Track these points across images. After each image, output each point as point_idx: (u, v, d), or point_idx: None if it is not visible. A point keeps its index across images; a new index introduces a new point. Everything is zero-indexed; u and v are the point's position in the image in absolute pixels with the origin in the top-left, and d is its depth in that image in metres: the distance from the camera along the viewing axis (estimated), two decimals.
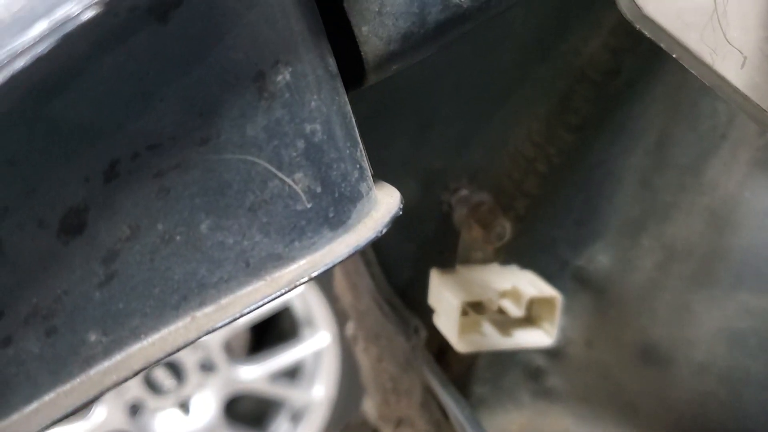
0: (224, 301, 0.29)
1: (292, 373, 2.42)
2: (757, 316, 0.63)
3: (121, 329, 0.27)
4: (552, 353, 0.77)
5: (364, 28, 0.33)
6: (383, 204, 0.34)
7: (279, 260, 0.29)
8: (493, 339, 0.60)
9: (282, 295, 0.29)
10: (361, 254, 0.65)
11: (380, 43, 0.33)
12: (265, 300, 0.29)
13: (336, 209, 0.30)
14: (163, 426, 2.23)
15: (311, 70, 0.29)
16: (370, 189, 0.33)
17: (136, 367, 0.27)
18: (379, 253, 0.67)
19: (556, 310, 0.59)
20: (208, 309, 0.29)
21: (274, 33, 0.28)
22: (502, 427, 0.78)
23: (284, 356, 2.27)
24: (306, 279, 0.30)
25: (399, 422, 0.80)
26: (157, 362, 0.28)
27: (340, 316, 2.18)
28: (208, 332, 0.29)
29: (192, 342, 0.29)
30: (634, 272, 0.70)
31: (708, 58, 0.38)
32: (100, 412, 2.08)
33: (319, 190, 0.30)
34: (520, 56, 0.63)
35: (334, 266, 0.30)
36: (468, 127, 0.64)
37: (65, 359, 0.26)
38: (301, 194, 0.29)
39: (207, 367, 2.19)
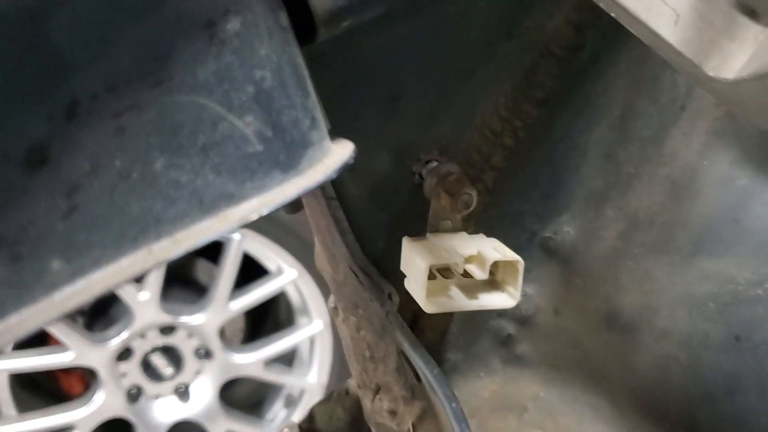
0: (179, 235, 0.31)
1: (288, 361, 2.45)
2: (714, 281, 0.65)
3: (83, 258, 0.30)
4: (522, 321, 0.79)
5: None
6: (336, 153, 0.36)
7: (231, 199, 0.32)
8: (460, 301, 0.62)
9: (233, 230, 0.32)
10: (336, 224, 0.67)
11: None
12: (217, 234, 0.32)
13: (287, 153, 0.33)
14: (162, 412, 2.26)
15: (261, 21, 0.32)
16: (323, 138, 0.35)
17: (97, 291, 0.30)
18: (353, 223, 0.69)
19: (518, 274, 0.61)
20: (164, 242, 0.31)
21: None
22: (474, 393, 0.81)
23: (278, 343, 2.30)
24: (255, 216, 0.32)
25: (378, 389, 0.82)
26: (116, 288, 0.31)
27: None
28: (163, 262, 0.31)
29: (148, 270, 0.31)
30: (598, 242, 0.72)
31: (644, 16, 0.40)
32: (99, 399, 2.11)
33: (269, 134, 0.32)
34: (485, 32, 0.65)
35: (282, 205, 0.33)
36: (436, 100, 0.66)
37: (30, 284, 0.29)
38: (252, 137, 0.31)
39: (204, 354, 2.22)
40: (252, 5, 0.31)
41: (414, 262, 0.62)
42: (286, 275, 2.20)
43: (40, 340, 2.14)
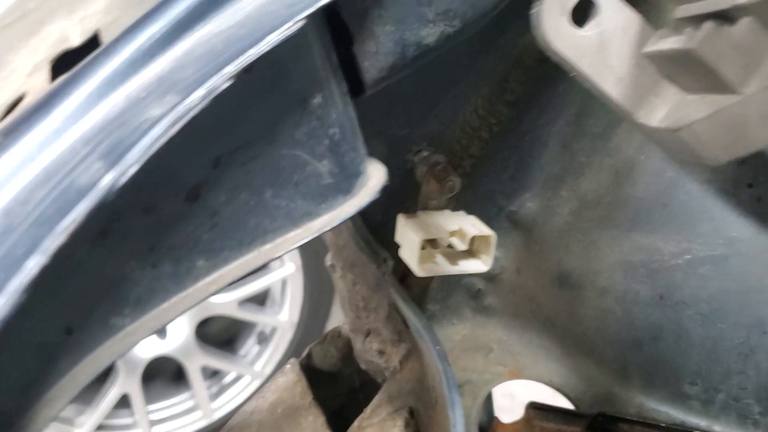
0: (278, 241, 0.46)
1: (261, 301, 2.58)
2: (645, 251, 0.80)
3: (217, 258, 0.44)
4: (490, 279, 0.95)
5: (365, 63, 0.49)
6: (375, 177, 0.51)
7: (311, 216, 0.46)
8: (444, 267, 0.77)
9: (312, 238, 0.46)
10: None
11: (375, 71, 0.50)
12: (303, 241, 0.46)
13: (346, 183, 0.47)
14: (140, 348, 2.36)
15: (334, 93, 0.46)
16: (367, 167, 0.50)
17: (228, 280, 0.44)
18: None
19: (491, 246, 0.75)
20: (268, 246, 0.45)
21: (312, 73, 0.44)
22: (448, 337, 0.96)
23: (252, 284, 2.42)
24: (328, 228, 0.47)
25: (368, 333, 0.98)
26: (240, 278, 0.45)
27: (308, 249, 2.33)
28: (269, 260, 0.45)
29: (260, 266, 0.45)
30: (554, 216, 0.86)
31: (595, 78, 0.55)
32: None
33: (337, 170, 0.46)
34: (467, 48, 0.77)
35: (345, 220, 0.47)
36: (426, 103, 0.79)
37: (184, 276, 0.43)
38: (326, 174, 0.46)
39: None
40: (329, 85, 0.45)
41: (408, 235, 0.77)
42: None
43: None
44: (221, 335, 2.64)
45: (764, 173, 0.72)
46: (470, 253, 0.78)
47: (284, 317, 2.48)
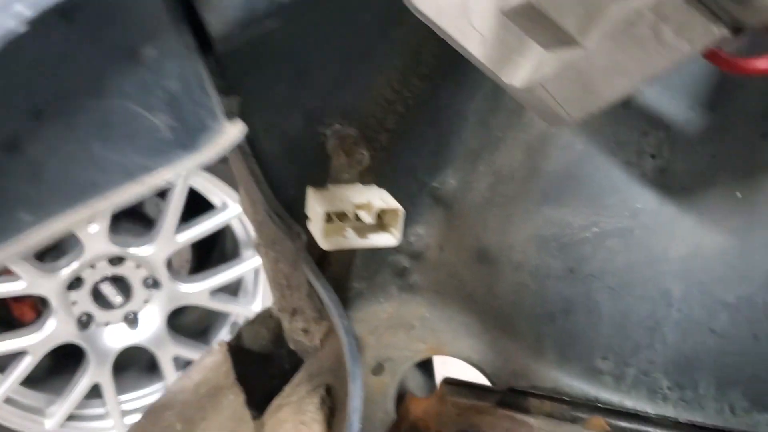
0: (111, 193, 0.45)
1: (234, 291, 2.58)
2: (556, 225, 0.80)
3: (43, 211, 0.43)
4: (415, 256, 0.95)
5: (209, 16, 0.49)
6: (229, 134, 0.50)
7: (147, 170, 0.46)
8: (352, 240, 0.76)
9: (149, 193, 0.46)
10: (252, 174, 0.81)
11: (220, 26, 0.49)
12: (138, 195, 0.46)
13: (188, 138, 0.47)
14: (112, 338, 2.36)
15: (173, 47, 0.45)
16: (219, 123, 0.49)
17: (59, 232, 0.43)
18: (269, 174, 0.82)
19: (399, 220, 0.75)
20: (101, 199, 0.45)
21: (145, 24, 0.44)
22: (375, 315, 0.96)
23: (224, 274, 2.42)
24: (164, 182, 0.46)
25: (294, 312, 0.97)
26: (69, 230, 0.44)
27: None
28: (100, 212, 0.45)
29: (90, 218, 0.45)
30: (472, 192, 0.85)
31: (458, 38, 0.54)
32: (50, 325, 2.20)
33: (176, 125, 0.46)
34: (379, 18, 0.77)
35: (184, 175, 0.46)
36: (338, 75, 0.79)
37: (5, 228, 0.42)
38: (163, 127, 0.45)
39: (152, 283, 2.33)
40: (167, 38, 0.45)
41: (314, 208, 0.77)
42: (231, 210, 2.31)
43: None
44: (194, 325, 2.64)
45: (667, 144, 0.72)
46: (381, 227, 0.78)
47: (257, 307, 2.48)
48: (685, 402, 0.77)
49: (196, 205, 2.30)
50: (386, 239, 0.77)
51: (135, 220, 2.41)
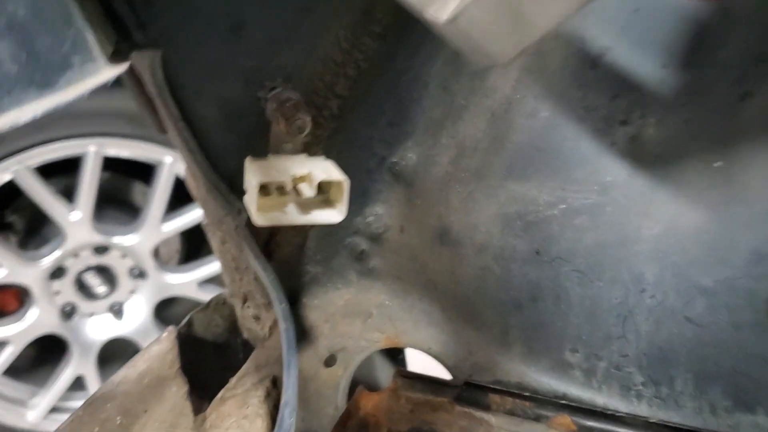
0: None
1: (223, 282, 2.51)
2: (521, 202, 0.72)
3: None
4: (374, 238, 0.87)
5: None
6: (103, 75, 0.43)
7: None
8: (292, 216, 0.68)
9: None
10: (185, 143, 0.73)
11: None
12: None
13: (42, 74, 0.39)
14: (96, 329, 2.30)
15: None
16: (88, 62, 0.42)
17: None
18: (205, 143, 0.75)
19: (344, 192, 0.67)
20: None
21: None
22: (331, 302, 0.88)
23: (212, 265, 2.34)
24: (10, 125, 0.39)
25: (245, 298, 0.90)
26: None
27: None
28: None
29: None
30: (434, 167, 0.78)
31: None
32: (32, 315, 2.15)
33: (23, 57, 0.38)
34: None
35: (39, 116, 0.39)
36: (277, 32, 0.71)
37: None
38: (6, 59, 0.38)
39: (138, 274, 2.26)
40: None
41: (249, 179, 0.69)
42: None
43: None
44: (182, 317, 2.56)
45: (639, 108, 0.64)
46: (327, 202, 0.70)
47: None
48: (661, 399, 0.68)
49: (185, 194, 2.22)
50: (330, 215, 0.69)
51: (121, 209, 2.34)
